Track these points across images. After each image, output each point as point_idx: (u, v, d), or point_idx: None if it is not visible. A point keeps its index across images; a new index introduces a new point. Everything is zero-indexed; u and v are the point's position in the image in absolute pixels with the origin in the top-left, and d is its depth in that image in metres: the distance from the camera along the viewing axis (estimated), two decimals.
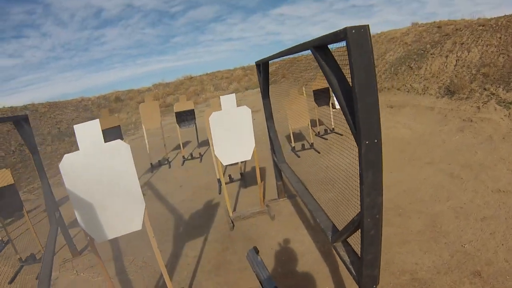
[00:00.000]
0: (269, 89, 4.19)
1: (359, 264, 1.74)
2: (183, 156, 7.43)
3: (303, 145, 6.68)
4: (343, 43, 1.41)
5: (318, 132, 7.48)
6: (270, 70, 3.98)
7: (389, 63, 10.59)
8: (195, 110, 7.77)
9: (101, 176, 2.19)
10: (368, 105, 1.39)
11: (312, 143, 6.67)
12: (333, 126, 7.41)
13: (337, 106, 9.42)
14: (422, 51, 9.43)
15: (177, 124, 7.48)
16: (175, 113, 7.47)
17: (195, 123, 7.77)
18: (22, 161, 9.08)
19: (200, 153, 7.57)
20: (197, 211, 4.68)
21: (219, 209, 4.65)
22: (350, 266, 1.87)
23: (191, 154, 7.50)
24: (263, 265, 1.96)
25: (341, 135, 7.09)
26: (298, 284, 2.82)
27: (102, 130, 5.66)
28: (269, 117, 4.35)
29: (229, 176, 5.70)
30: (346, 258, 1.94)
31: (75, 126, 2.16)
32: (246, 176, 5.71)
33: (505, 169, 3.98)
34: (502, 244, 2.74)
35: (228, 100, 3.79)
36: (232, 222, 4.07)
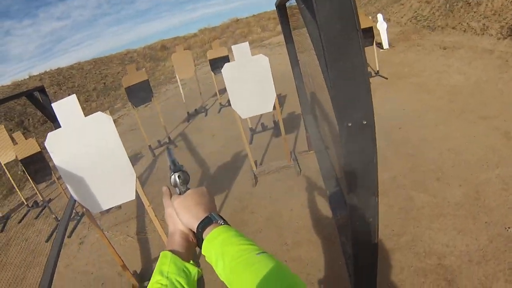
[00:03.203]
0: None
1: (352, 264, 1.38)
2: (220, 103, 7.25)
3: None
4: None
5: None
6: None
7: None
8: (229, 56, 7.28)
9: (87, 149, 2.15)
10: (346, 69, 0.88)
11: None
12: (377, 69, 6.41)
13: (385, 46, 8.08)
14: None
15: (211, 72, 7.16)
16: (209, 60, 7.11)
17: None
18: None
19: None
20: (224, 163, 4.59)
21: (246, 161, 4.48)
22: (348, 260, 1.53)
23: (229, 101, 7.23)
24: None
25: (386, 78, 6.13)
26: (307, 256, 2.61)
27: (129, 87, 5.60)
28: (294, 63, 3.77)
29: (262, 124, 5.43)
30: (345, 247, 1.60)
31: (53, 104, 2.03)
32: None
33: None
34: None
35: (240, 50, 3.36)
36: (255, 178, 3.89)
